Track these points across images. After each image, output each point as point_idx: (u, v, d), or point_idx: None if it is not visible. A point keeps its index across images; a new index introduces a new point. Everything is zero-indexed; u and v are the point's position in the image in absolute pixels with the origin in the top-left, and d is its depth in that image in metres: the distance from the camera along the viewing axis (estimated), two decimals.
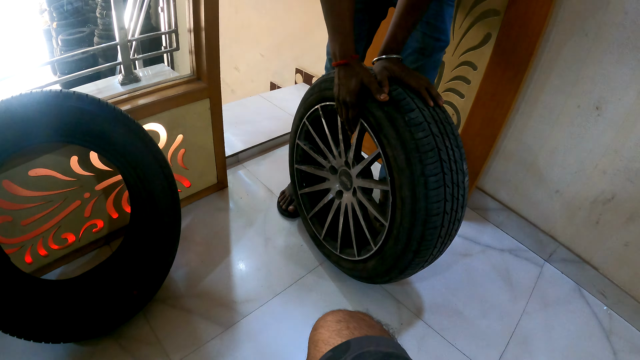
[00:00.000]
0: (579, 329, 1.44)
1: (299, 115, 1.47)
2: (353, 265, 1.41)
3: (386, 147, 1.11)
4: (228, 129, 1.94)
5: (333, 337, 0.68)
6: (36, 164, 1.21)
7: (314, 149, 1.48)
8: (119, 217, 1.52)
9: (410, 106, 1.06)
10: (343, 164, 1.37)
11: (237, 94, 3.64)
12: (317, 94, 1.34)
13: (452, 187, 1.10)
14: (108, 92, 1.39)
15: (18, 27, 4.48)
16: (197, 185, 1.76)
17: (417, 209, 1.09)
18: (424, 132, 1.05)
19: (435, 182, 1.06)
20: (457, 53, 1.64)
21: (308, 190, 1.57)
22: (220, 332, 1.30)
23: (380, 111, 1.09)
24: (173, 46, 1.60)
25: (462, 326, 1.40)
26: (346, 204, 1.41)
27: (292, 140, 1.55)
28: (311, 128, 1.43)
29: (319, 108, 1.34)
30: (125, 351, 1.22)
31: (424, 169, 1.05)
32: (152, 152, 1.16)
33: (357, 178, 1.33)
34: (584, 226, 1.54)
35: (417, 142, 1.04)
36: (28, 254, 1.32)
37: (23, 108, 0.97)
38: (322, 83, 1.30)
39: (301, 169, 1.56)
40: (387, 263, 1.25)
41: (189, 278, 1.45)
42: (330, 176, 1.46)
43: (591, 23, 1.31)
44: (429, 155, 1.05)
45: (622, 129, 1.33)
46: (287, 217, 1.78)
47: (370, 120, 1.13)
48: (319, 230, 1.55)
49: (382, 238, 1.24)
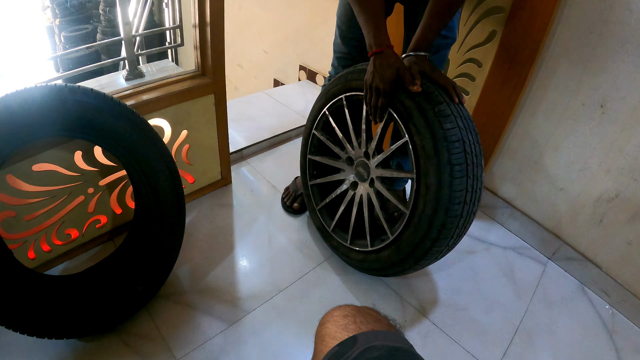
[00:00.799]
0: (582, 328, 1.44)
1: (318, 105, 1.49)
2: (364, 257, 1.41)
3: (414, 136, 1.15)
4: (232, 126, 1.93)
5: (340, 331, 0.68)
6: (40, 159, 1.21)
7: (331, 139, 1.49)
8: (123, 213, 1.52)
9: (439, 99, 1.11)
10: (362, 155, 1.39)
11: (240, 91, 3.64)
12: (342, 84, 1.36)
13: (473, 180, 1.13)
14: (112, 88, 1.40)
15: (21, 24, 4.47)
16: (201, 182, 1.76)
17: (442, 196, 1.12)
18: (451, 124, 1.10)
19: (460, 172, 1.10)
20: (462, 50, 1.64)
21: (320, 181, 1.57)
22: (224, 328, 1.30)
23: (411, 101, 1.13)
24: (177, 42, 1.60)
25: (466, 323, 1.40)
26: (361, 194, 1.43)
27: (308, 131, 1.56)
28: (331, 118, 1.45)
29: (343, 98, 1.37)
30: (129, 347, 1.22)
31: (451, 157, 1.10)
32: (157, 147, 1.16)
33: (377, 168, 1.35)
34: (588, 224, 1.53)
35: (446, 132, 1.09)
36: (31, 250, 1.32)
37: (27, 102, 0.96)
38: (349, 74, 1.33)
39: (315, 159, 1.57)
40: (404, 252, 1.26)
41: (192, 274, 1.45)
42: (346, 167, 1.48)
43: (596, 21, 1.30)
44: (456, 145, 1.10)
45: (626, 127, 1.33)
46: (292, 213, 1.78)
47: (400, 110, 1.16)
48: (327, 222, 1.55)
49: (401, 226, 1.25)
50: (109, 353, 1.20)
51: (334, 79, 1.41)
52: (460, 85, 1.71)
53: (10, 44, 4.29)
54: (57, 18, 3.99)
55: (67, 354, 1.18)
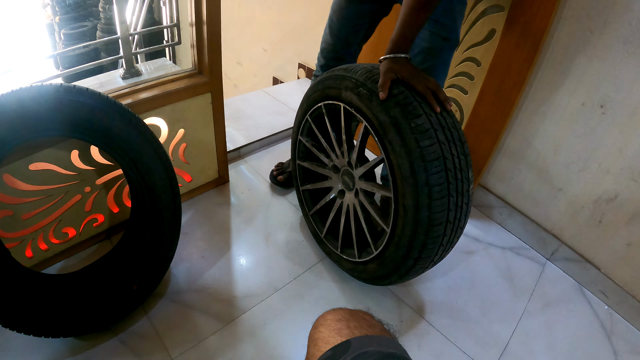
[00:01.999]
0: (580, 329, 1.44)
1: (301, 111, 1.45)
2: (353, 266, 1.41)
3: (390, 154, 1.08)
4: (230, 124, 1.93)
5: (333, 335, 0.68)
6: (37, 158, 1.20)
7: (317, 146, 1.46)
8: (120, 212, 1.52)
9: (417, 112, 1.03)
10: (346, 164, 1.36)
11: (239, 89, 3.63)
12: (320, 92, 1.30)
13: (457, 196, 1.08)
14: (109, 86, 1.39)
15: (21, 22, 4.47)
16: (198, 180, 1.75)
17: (420, 218, 1.07)
18: (430, 140, 1.02)
19: (439, 192, 1.04)
20: (461, 49, 1.63)
21: (310, 187, 1.55)
22: (220, 327, 1.30)
23: (386, 115, 1.06)
24: (175, 40, 1.60)
25: (463, 324, 1.40)
26: (348, 204, 1.40)
27: (295, 136, 1.53)
28: (314, 125, 1.41)
29: (322, 106, 1.31)
30: (125, 346, 1.22)
31: (429, 178, 1.03)
32: (152, 147, 1.15)
33: (360, 180, 1.31)
34: (587, 225, 1.53)
35: (423, 150, 1.02)
36: (29, 248, 1.32)
37: (23, 102, 0.96)
38: (326, 80, 1.27)
39: (303, 165, 1.54)
40: (387, 267, 1.24)
41: (189, 273, 1.45)
42: (333, 175, 1.45)
43: (596, 20, 1.30)
44: (434, 164, 1.03)
45: (626, 127, 1.32)
46: (277, 185, 1.84)
47: (375, 125, 1.10)
48: (320, 228, 1.54)
49: (384, 243, 1.23)
50: (105, 352, 1.20)
51: (314, 84, 1.35)
52: (459, 84, 1.70)
53: (10, 42, 4.29)
54: (57, 15, 3.98)
55: (64, 353, 1.18)
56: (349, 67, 1.20)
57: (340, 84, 1.19)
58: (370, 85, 1.10)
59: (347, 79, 1.17)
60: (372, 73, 1.12)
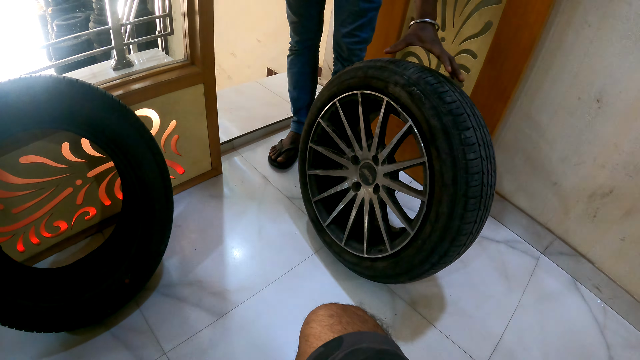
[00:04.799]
0: (574, 323, 1.44)
1: (328, 93, 1.39)
2: (358, 261, 1.39)
3: (434, 160, 1.08)
4: (223, 115, 1.92)
5: (325, 332, 0.67)
6: (27, 151, 1.18)
7: (338, 132, 1.42)
8: (112, 205, 1.50)
9: (467, 124, 1.04)
10: (369, 158, 1.33)
11: (233, 80, 3.60)
12: (359, 79, 1.26)
13: (483, 210, 1.10)
14: (101, 77, 1.37)
15: (13, 13, 4.40)
16: (191, 172, 1.74)
17: (451, 227, 1.08)
18: (475, 154, 1.04)
19: (474, 204, 1.06)
20: (457, 41, 1.61)
21: (320, 173, 1.52)
22: (213, 321, 1.29)
23: (437, 121, 1.06)
24: (167, 30, 1.57)
25: (457, 318, 1.40)
26: (363, 198, 1.38)
27: (314, 117, 1.47)
28: (341, 111, 1.37)
29: (359, 94, 1.28)
30: (117, 340, 1.21)
31: (468, 190, 1.04)
32: (144, 139, 1.14)
33: (385, 177, 1.29)
34: (581, 219, 1.53)
35: (468, 162, 1.03)
36: (20, 242, 1.31)
37: (12, 94, 0.94)
38: (368, 69, 1.23)
39: (317, 149, 1.50)
40: (400, 268, 1.24)
41: (181, 266, 1.44)
42: (350, 165, 1.42)
43: (594, 14, 1.28)
44: (475, 177, 1.04)
45: (622, 122, 1.32)
46: (276, 167, 1.90)
47: (423, 128, 1.09)
48: (323, 217, 1.52)
49: (403, 244, 1.22)
50: (97, 346, 1.19)
51: (351, 69, 1.31)
52: None
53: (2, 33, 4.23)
54: (50, 6, 3.93)
55: (56, 347, 1.17)
56: (398, 62, 1.17)
57: (388, 77, 1.16)
58: (423, 86, 1.08)
59: (397, 74, 1.14)
60: (426, 74, 1.10)
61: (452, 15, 1.59)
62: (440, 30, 1.64)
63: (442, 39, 1.65)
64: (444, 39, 1.65)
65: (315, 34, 1.74)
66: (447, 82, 1.09)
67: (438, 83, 1.08)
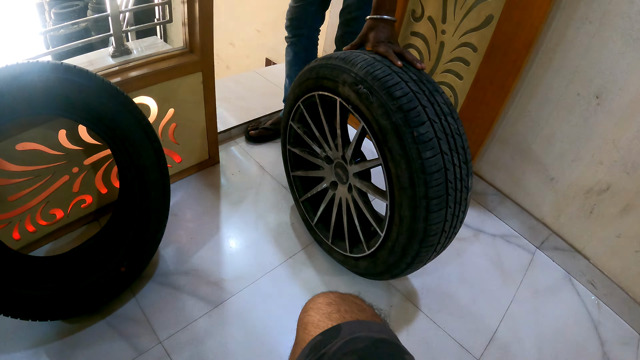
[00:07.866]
0: (568, 318, 1.45)
1: (293, 95, 1.35)
2: (344, 259, 1.40)
3: (389, 162, 1.02)
4: (221, 105, 1.91)
5: (323, 320, 0.67)
6: (23, 138, 1.17)
7: (309, 134, 1.40)
8: (108, 193, 1.49)
9: (420, 118, 0.96)
10: (339, 157, 1.30)
11: (232, 70, 3.58)
12: (313, 80, 1.20)
13: (454, 207, 1.04)
14: (99, 64, 1.35)
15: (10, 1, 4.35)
16: (188, 161, 1.73)
17: (416, 229, 1.04)
18: (432, 151, 0.96)
19: (437, 205, 1.00)
20: (458, 34, 1.60)
21: (301, 174, 1.52)
22: (209, 310, 1.29)
23: (386, 121, 0.98)
24: (166, 18, 1.56)
25: (452, 310, 1.40)
26: (340, 197, 1.37)
27: (285, 120, 1.46)
28: (306, 113, 1.33)
29: (316, 95, 1.23)
30: (113, 328, 1.20)
31: (428, 191, 0.98)
32: (141, 126, 1.13)
33: (355, 177, 1.27)
34: (578, 215, 1.53)
35: (424, 162, 0.96)
36: (16, 230, 1.30)
37: (9, 80, 0.93)
38: (320, 69, 1.16)
39: (294, 151, 1.48)
40: (379, 268, 1.24)
41: (178, 255, 1.44)
42: (325, 165, 1.39)
43: (595, 10, 1.28)
44: (435, 176, 0.97)
45: (621, 119, 1.32)
46: (249, 141, 2.00)
47: (374, 129, 1.03)
48: (311, 216, 1.52)
49: (376, 245, 1.21)
50: (92, 334, 1.18)
51: (306, 69, 1.25)
52: (454, 69, 1.68)
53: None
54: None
55: (52, 336, 1.16)
56: (347, 57, 1.08)
57: (337, 76, 1.09)
58: (371, 82, 1.00)
59: (346, 71, 1.06)
60: (374, 67, 1.01)
61: (453, 8, 1.58)
62: (441, 22, 1.63)
63: (442, 31, 1.64)
64: (444, 32, 1.64)
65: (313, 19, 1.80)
66: (402, 72, 1.01)
67: (387, 76, 0.99)
